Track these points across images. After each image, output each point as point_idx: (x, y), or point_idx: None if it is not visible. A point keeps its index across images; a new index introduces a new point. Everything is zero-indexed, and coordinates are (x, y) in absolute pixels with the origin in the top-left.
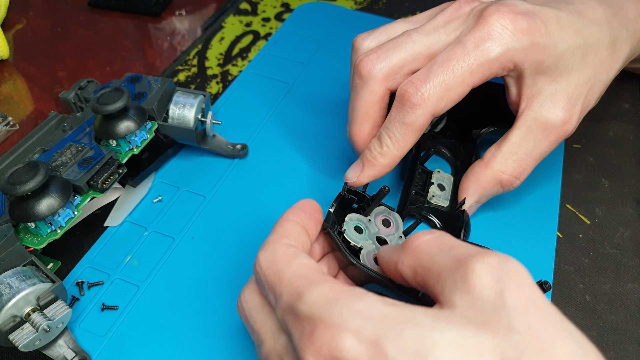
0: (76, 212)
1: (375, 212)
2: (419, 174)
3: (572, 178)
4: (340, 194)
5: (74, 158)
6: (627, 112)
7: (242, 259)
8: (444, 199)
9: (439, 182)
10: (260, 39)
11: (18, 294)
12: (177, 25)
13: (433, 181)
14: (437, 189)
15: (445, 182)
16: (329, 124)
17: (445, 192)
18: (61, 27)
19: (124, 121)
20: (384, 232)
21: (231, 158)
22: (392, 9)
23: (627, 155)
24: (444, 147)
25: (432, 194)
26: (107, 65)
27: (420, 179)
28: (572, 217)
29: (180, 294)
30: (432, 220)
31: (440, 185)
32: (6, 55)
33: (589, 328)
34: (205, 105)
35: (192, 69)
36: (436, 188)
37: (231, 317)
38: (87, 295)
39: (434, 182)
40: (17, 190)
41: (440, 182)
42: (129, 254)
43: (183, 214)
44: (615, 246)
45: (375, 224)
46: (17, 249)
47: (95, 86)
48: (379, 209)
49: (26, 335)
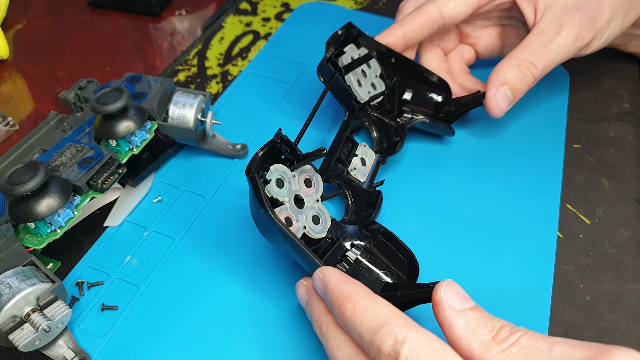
0: (76, 212)
1: (300, 170)
2: (345, 142)
3: (572, 178)
4: (272, 140)
5: (74, 158)
6: (627, 112)
7: (242, 259)
8: (362, 174)
9: (362, 156)
10: (260, 38)
11: (18, 294)
12: (177, 25)
13: (357, 153)
14: (360, 162)
15: (368, 158)
16: (329, 124)
17: (366, 167)
18: (61, 27)
19: (124, 121)
20: (303, 191)
21: (231, 158)
22: (392, 9)
23: (627, 155)
24: (374, 124)
25: (354, 166)
26: (107, 65)
27: (346, 148)
28: (572, 217)
29: (180, 294)
30: (346, 193)
31: (362, 160)
32: (6, 55)
33: (589, 328)
34: (205, 105)
35: (192, 69)
36: (359, 161)
37: (231, 317)
38: (87, 296)
39: (357, 155)
40: (17, 190)
41: (363, 157)
42: (128, 254)
43: (183, 214)
44: (615, 246)
45: (298, 181)
46: (17, 249)
47: (95, 86)
48: (305, 167)
49: (26, 336)
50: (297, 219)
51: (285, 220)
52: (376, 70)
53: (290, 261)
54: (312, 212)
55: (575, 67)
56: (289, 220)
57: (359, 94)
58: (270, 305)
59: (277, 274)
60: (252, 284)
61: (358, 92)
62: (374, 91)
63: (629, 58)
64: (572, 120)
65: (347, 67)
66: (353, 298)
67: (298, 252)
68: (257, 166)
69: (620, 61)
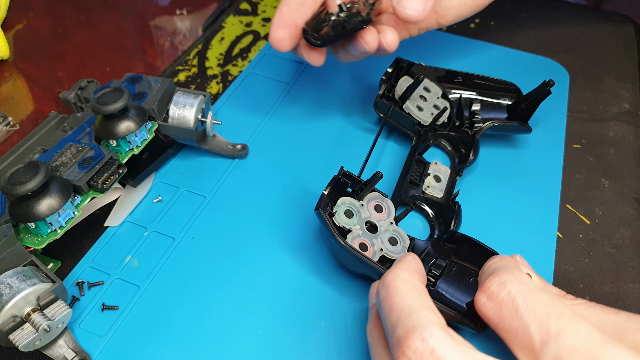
0: (76, 212)
1: (369, 198)
2: (415, 163)
3: (572, 178)
4: (335, 177)
5: (74, 158)
6: (627, 112)
7: (242, 259)
8: (438, 190)
9: (435, 173)
10: (260, 39)
11: (18, 294)
12: (177, 25)
13: (429, 172)
14: (433, 179)
15: (442, 174)
16: (329, 124)
17: (441, 183)
18: (61, 27)
19: (124, 121)
20: (375, 217)
21: (231, 158)
22: None
23: (627, 155)
24: (445, 140)
25: (428, 184)
26: (107, 65)
27: (417, 170)
28: (572, 217)
29: (180, 294)
30: (425, 209)
31: (436, 177)
32: (6, 55)
33: None
34: (206, 105)
35: (193, 69)
36: (432, 179)
37: (231, 316)
38: (88, 295)
39: (430, 173)
40: (17, 191)
41: (436, 174)
42: (129, 254)
43: (183, 214)
44: (615, 246)
45: (368, 209)
46: (17, 249)
47: (96, 86)
48: (373, 195)
49: (26, 335)
50: (372, 244)
51: (361, 246)
52: (437, 92)
53: (291, 265)
54: (388, 234)
55: (575, 67)
56: (364, 246)
57: (421, 117)
58: (270, 305)
59: (277, 275)
60: (251, 284)
61: (419, 116)
62: (437, 112)
63: (629, 58)
64: (571, 121)
65: (402, 97)
66: (398, 285)
67: (375, 273)
68: (324, 203)
69: (620, 61)
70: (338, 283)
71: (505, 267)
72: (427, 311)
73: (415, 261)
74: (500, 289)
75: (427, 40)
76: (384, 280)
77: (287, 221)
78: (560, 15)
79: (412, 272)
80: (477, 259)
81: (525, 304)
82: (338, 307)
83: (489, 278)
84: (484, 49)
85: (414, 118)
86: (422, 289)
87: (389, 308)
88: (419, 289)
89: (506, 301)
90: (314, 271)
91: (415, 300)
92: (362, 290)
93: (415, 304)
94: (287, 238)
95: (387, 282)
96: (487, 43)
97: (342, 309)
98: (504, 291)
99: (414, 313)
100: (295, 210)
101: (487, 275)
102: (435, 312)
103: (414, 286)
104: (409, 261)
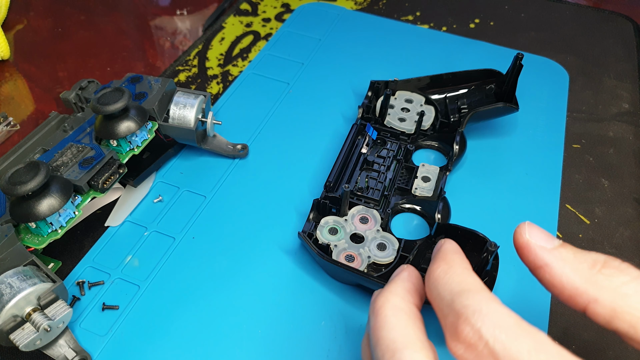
0: (77, 212)
1: (353, 213)
2: (402, 172)
3: (572, 178)
4: (315, 201)
5: (75, 158)
6: (627, 112)
7: (243, 259)
8: (428, 190)
9: (423, 174)
10: (260, 39)
11: (19, 293)
12: (178, 26)
13: (417, 175)
14: (421, 181)
15: (431, 174)
16: (329, 124)
17: (430, 183)
18: (62, 27)
19: (125, 121)
20: (360, 228)
21: (231, 158)
22: (392, 10)
23: (626, 155)
24: (432, 141)
25: (416, 186)
26: (107, 66)
27: (406, 175)
28: (572, 217)
29: (180, 294)
30: (418, 210)
31: (424, 178)
32: (7, 55)
33: (588, 328)
34: (206, 105)
35: (193, 69)
36: (420, 181)
37: (231, 316)
38: (88, 295)
39: (417, 177)
40: (17, 191)
41: (424, 175)
42: (129, 253)
43: (183, 214)
44: (615, 246)
45: (353, 222)
46: (18, 248)
47: (96, 86)
48: (358, 208)
49: (27, 335)
50: (359, 253)
51: (347, 258)
52: (420, 101)
53: (291, 265)
54: (376, 242)
55: (575, 67)
56: (350, 257)
57: (405, 128)
58: (270, 305)
59: (277, 274)
60: (252, 283)
61: (402, 127)
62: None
63: (629, 58)
64: (571, 121)
65: (381, 115)
66: (451, 262)
67: (366, 281)
68: (311, 227)
69: (620, 61)
70: (338, 283)
71: (448, 261)
72: (412, 350)
73: (410, 278)
74: (476, 339)
75: (428, 40)
76: (374, 305)
77: (287, 221)
78: (560, 16)
79: (404, 295)
80: (463, 244)
81: (505, 352)
82: (338, 307)
83: (460, 322)
84: (484, 49)
85: (397, 130)
86: (414, 315)
87: (376, 340)
88: (410, 316)
89: (486, 354)
90: (313, 271)
91: (401, 336)
92: (362, 290)
93: (400, 341)
94: (287, 238)
95: (376, 309)
96: (487, 43)
97: (342, 309)
98: (481, 343)
99: (397, 352)
100: (295, 210)
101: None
102: (422, 348)
103: (404, 314)
104: (403, 279)
